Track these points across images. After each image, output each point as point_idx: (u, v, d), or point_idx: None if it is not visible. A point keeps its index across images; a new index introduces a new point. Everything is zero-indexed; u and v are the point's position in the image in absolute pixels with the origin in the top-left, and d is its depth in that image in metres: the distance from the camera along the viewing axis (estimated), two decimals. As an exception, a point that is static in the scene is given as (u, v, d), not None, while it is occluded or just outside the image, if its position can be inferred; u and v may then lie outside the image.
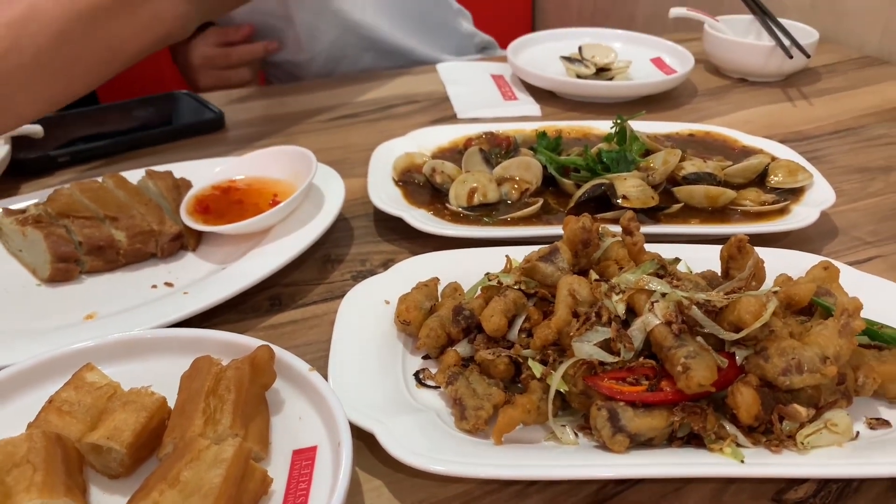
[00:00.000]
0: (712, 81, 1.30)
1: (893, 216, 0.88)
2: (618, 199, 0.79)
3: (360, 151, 1.01)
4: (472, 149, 0.90)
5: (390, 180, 0.89)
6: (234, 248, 0.79)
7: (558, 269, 0.62)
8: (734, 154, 0.95)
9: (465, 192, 0.83)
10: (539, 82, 1.21)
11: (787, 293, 0.61)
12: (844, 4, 1.50)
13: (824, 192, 0.85)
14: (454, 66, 1.35)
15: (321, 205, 0.82)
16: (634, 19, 2.06)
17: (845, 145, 1.06)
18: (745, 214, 0.82)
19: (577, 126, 1.03)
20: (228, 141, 1.08)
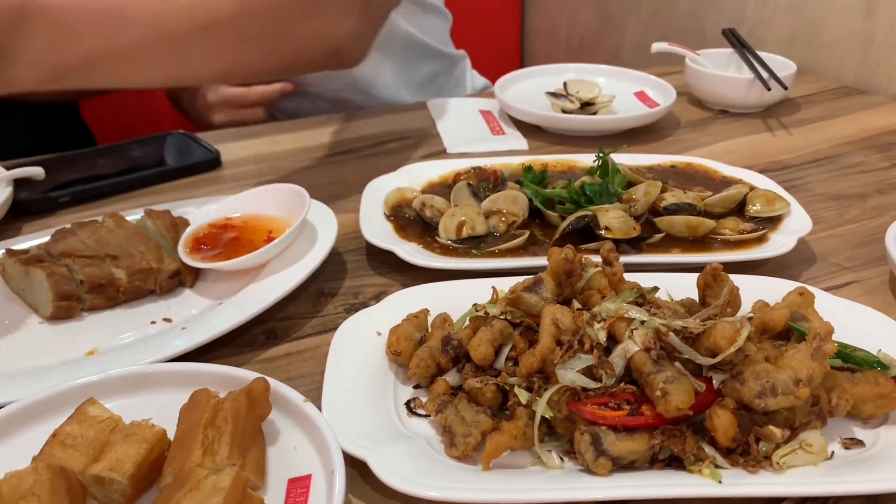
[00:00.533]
0: (694, 113, 1.33)
1: (869, 242, 0.91)
2: (601, 230, 0.82)
3: (353, 187, 1.04)
4: (460, 183, 0.93)
5: (382, 215, 0.91)
6: (231, 283, 0.81)
7: (542, 299, 0.65)
8: (715, 184, 0.98)
9: (454, 226, 0.86)
10: (525, 117, 1.25)
11: (762, 319, 0.63)
12: (822, 37, 1.54)
13: (801, 221, 0.88)
14: (444, 103, 1.39)
15: (315, 240, 0.85)
16: (620, 51, 2.11)
17: (823, 174, 1.10)
18: (725, 243, 0.85)
19: (562, 159, 1.06)
20: (225, 179, 1.11)
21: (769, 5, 1.64)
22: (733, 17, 1.72)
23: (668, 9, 1.91)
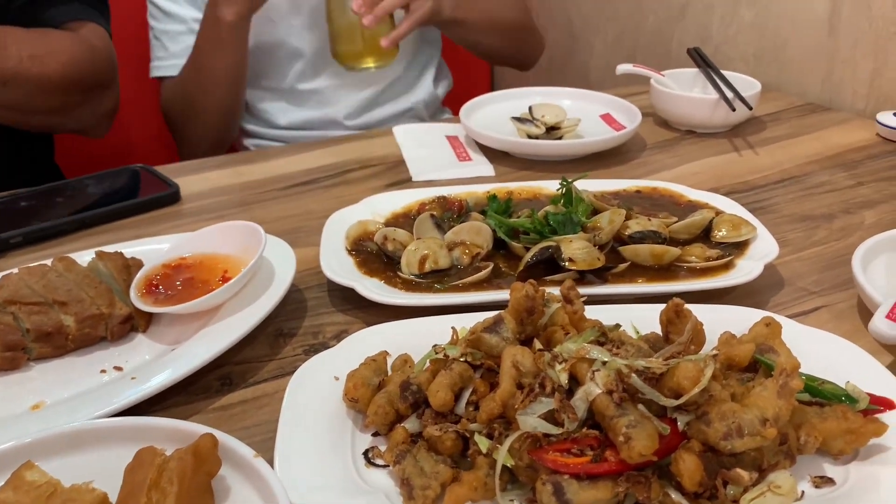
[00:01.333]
0: (661, 134, 1.33)
1: (837, 265, 0.90)
2: (564, 262, 0.80)
3: (316, 219, 1.02)
4: (423, 215, 0.91)
5: (343, 249, 0.89)
6: (186, 326, 0.79)
7: (503, 339, 0.63)
8: (680, 209, 0.97)
9: (417, 260, 0.84)
10: (491, 143, 1.23)
11: (728, 354, 0.62)
12: (786, 54, 1.55)
13: (768, 245, 0.87)
14: (410, 129, 1.38)
15: (272, 278, 0.82)
16: (589, 70, 2.12)
17: (790, 194, 1.09)
18: (691, 271, 0.84)
19: (527, 186, 1.05)
20: (184, 214, 1.08)
21: (734, 23, 1.65)
22: (698, 35, 1.73)
23: (634, 28, 1.92)
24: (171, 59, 1.49)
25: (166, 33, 1.49)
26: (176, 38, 1.49)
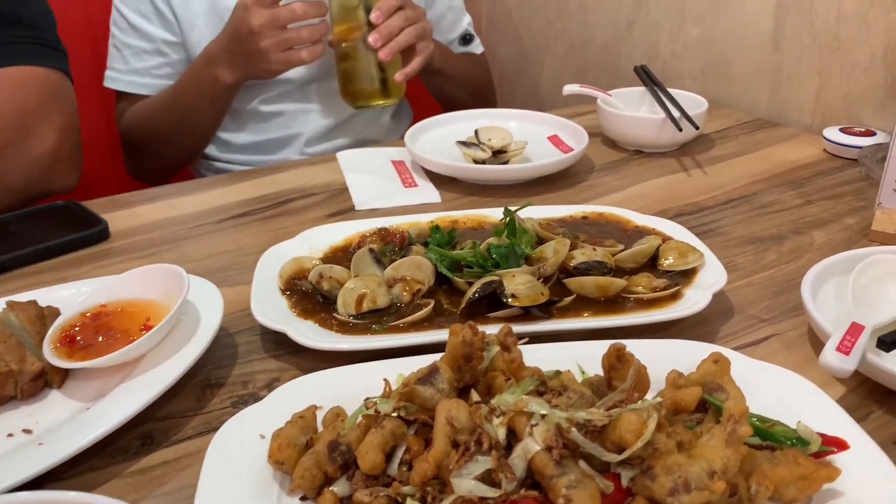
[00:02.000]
0: (609, 155, 1.31)
1: (787, 289, 0.88)
2: (507, 298, 0.77)
3: (251, 254, 0.97)
4: (361, 251, 0.87)
5: (277, 289, 0.85)
6: (104, 380, 0.73)
7: (438, 391, 0.59)
8: (627, 235, 0.95)
9: (354, 300, 0.80)
10: (436, 168, 1.20)
11: (674, 399, 0.59)
12: (733, 70, 1.55)
13: (716, 273, 0.84)
14: (354, 154, 1.34)
15: (198, 324, 0.78)
16: (539, 87, 2.10)
17: (738, 215, 1.07)
18: (639, 302, 0.81)
19: (472, 215, 1.02)
20: (113, 253, 1.02)
21: (680, 40, 1.64)
22: (646, 51, 1.72)
23: (583, 45, 1.90)
24: (130, 74, 1.45)
25: (129, 47, 1.44)
26: (140, 55, 1.44)
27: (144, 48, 1.44)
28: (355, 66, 1.37)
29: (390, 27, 1.32)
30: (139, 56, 1.44)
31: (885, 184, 0.99)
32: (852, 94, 1.35)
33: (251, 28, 1.25)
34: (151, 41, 1.44)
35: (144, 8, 1.42)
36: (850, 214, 1.06)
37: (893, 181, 0.99)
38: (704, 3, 1.56)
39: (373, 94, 1.39)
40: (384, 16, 1.31)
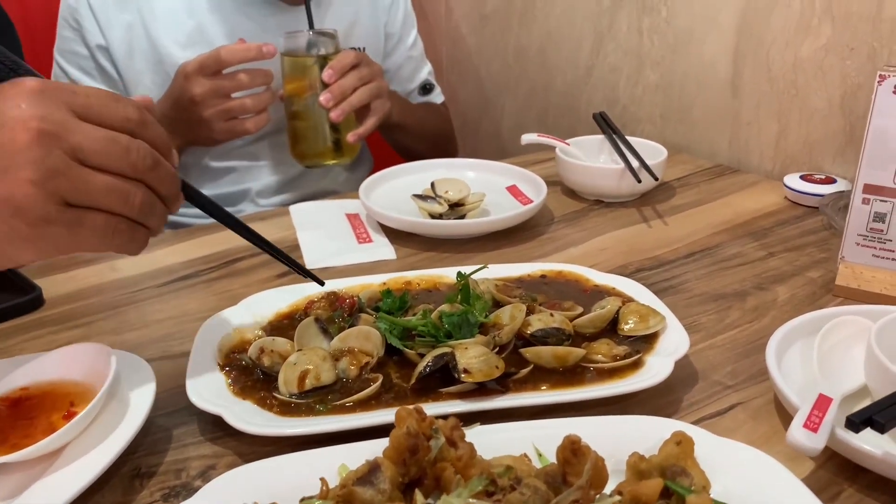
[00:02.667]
0: (568, 205, 1.28)
1: (751, 351, 0.85)
2: (459, 374, 0.72)
3: (193, 321, 0.92)
4: (306, 321, 0.82)
5: (215, 365, 0.79)
6: (24, 474, 0.67)
7: (379, 491, 0.54)
8: (586, 296, 0.91)
9: (296, 377, 0.75)
10: (392, 223, 1.16)
11: (633, 494, 0.55)
12: (693, 115, 1.54)
13: (678, 338, 0.81)
14: (307, 208, 1.29)
15: (128, 407, 0.72)
16: (501, 129, 2.08)
17: (701, 269, 1.05)
18: (599, 372, 0.77)
19: (426, 276, 0.97)
20: (46, 323, 0.96)
21: (639, 85, 1.63)
22: (606, 95, 1.71)
23: (543, 89, 1.89)
24: None
25: None
26: None
27: None
28: (306, 125, 1.35)
29: (343, 87, 1.29)
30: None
31: (847, 238, 0.97)
32: (811, 140, 1.34)
33: (192, 97, 1.21)
34: None
35: (86, 64, 1.38)
36: (813, 267, 1.04)
37: (855, 234, 0.97)
38: (662, 48, 1.55)
39: (324, 153, 1.37)
40: (337, 74, 1.28)
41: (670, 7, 1.51)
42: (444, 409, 0.71)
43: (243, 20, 1.40)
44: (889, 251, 0.95)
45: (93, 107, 0.60)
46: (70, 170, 0.58)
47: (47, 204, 0.58)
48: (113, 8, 1.35)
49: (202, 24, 1.38)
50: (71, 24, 1.37)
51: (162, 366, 0.83)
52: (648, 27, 1.57)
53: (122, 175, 0.61)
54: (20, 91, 0.58)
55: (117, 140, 0.60)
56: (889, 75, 0.90)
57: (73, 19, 1.36)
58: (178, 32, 1.38)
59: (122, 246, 0.65)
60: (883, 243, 0.95)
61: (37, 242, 0.60)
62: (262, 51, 1.22)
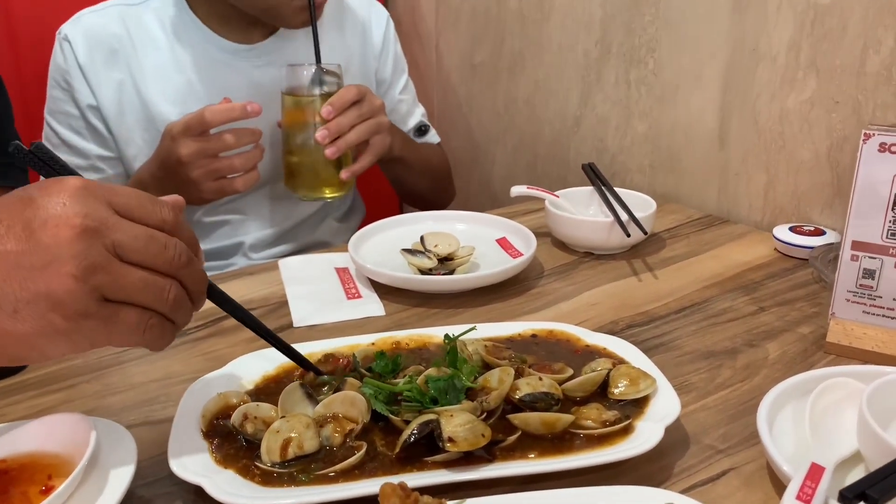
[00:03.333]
0: (558, 257, 1.28)
1: (743, 412, 0.84)
2: (444, 443, 0.71)
3: (179, 383, 0.91)
4: (291, 386, 0.81)
5: (198, 431, 0.78)
6: (-3, 552, 0.66)
7: (360, 574, 0.52)
8: (577, 357, 0.90)
9: (278, 445, 0.73)
10: (381, 279, 1.15)
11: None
12: (682, 165, 1.54)
13: (668, 402, 0.79)
14: (297, 263, 1.29)
15: (108, 479, 0.70)
16: (492, 177, 2.09)
17: (691, 325, 1.04)
18: (588, 438, 0.76)
19: (415, 335, 0.96)
20: (28, 386, 0.94)
21: (628, 135, 1.64)
22: (595, 146, 1.72)
23: (532, 139, 1.90)
24: None
25: None
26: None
27: (79, 164, 1.39)
28: (302, 159, 1.36)
29: (340, 124, 1.30)
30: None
31: (836, 294, 0.97)
32: (800, 191, 1.35)
33: (180, 158, 1.21)
34: (86, 157, 1.40)
35: (77, 124, 1.38)
36: (804, 322, 1.04)
37: (845, 291, 0.96)
38: (650, 99, 1.57)
39: (318, 187, 1.38)
40: (336, 111, 1.29)
41: (657, 59, 1.53)
42: (429, 480, 0.70)
43: (232, 75, 1.41)
44: (879, 308, 0.95)
45: (132, 206, 0.63)
46: (110, 265, 0.60)
47: (86, 298, 0.59)
48: (102, 67, 1.36)
49: (191, 80, 1.39)
50: (61, 85, 1.38)
51: (144, 432, 0.81)
52: (636, 79, 1.58)
53: (158, 272, 0.63)
54: (63, 189, 0.60)
55: (156, 237, 0.63)
56: (874, 133, 0.90)
57: (63, 80, 1.37)
58: (167, 89, 1.39)
59: (153, 342, 0.66)
60: (873, 300, 0.95)
61: (71, 336, 0.61)
62: (247, 110, 1.22)
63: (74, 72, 1.36)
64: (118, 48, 1.37)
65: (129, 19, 1.38)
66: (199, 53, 1.40)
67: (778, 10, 1.30)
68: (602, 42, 1.65)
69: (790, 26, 1.29)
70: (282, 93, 1.36)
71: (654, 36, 1.53)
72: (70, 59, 1.36)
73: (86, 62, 1.36)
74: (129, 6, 1.40)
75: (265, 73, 1.42)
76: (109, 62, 1.37)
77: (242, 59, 1.42)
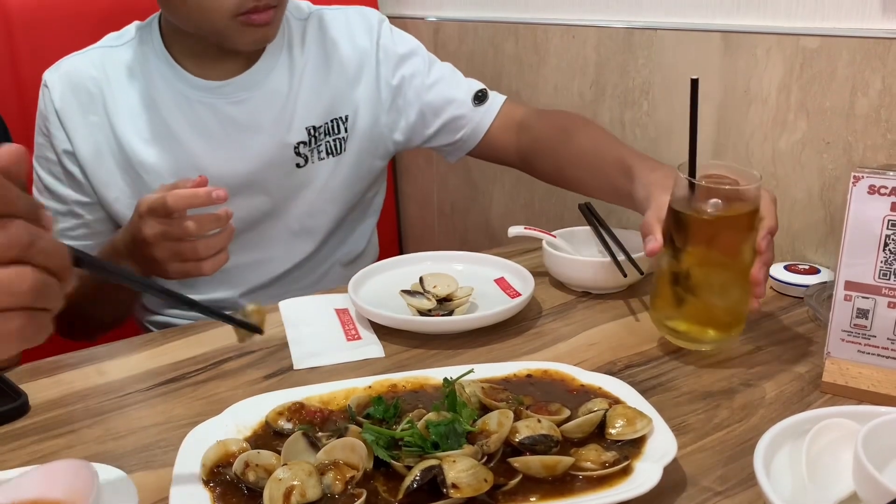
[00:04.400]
0: (556, 297, 1.29)
1: (740, 454, 0.85)
2: (448, 489, 0.72)
3: (180, 427, 0.92)
4: (294, 436, 0.81)
5: (199, 480, 0.78)
6: None
7: None
8: (573, 396, 0.91)
9: (281, 494, 0.73)
10: (380, 320, 1.16)
11: None
12: (676, 204, 1.56)
13: (665, 442, 0.80)
14: (297, 304, 1.29)
15: (111, 527, 0.71)
16: (490, 214, 2.11)
17: (688, 365, 1.05)
18: (588, 480, 0.77)
19: (412, 378, 0.97)
20: (30, 431, 0.95)
21: (623, 174, 1.66)
22: (591, 185, 1.74)
23: (530, 178, 1.91)
24: None
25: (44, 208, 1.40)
26: (55, 217, 1.37)
27: (58, 209, 1.41)
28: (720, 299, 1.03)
29: None
30: (54, 218, 1.39)
31: (831, 334, 0.98)
32: (794, 230, 1.36)
33: (144, 238, 1.18)
34: (64, 203, 1.41)
35: (55, 170, 1.40)
36: (800, 362, 1.04)
37: (840, 330, 0.98)
38: (644, 139, 1.59)
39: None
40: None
41: (651, 101, 1.56)
42: (432, 526, 0.70)
43: (206, 113, 1.39)
44: (874, 347, 0.96)
45: None
46: None
47: None
48: (78, 111, 1.37)
49: (165, 119, 1.38)
50: (42, 131, 1.39)
51: (145, 478, 0.82)
52: (630, 120, 1.61)
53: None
54: None
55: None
56: (863, 176, 0.92)
57: (44, 126, 1.39)
58: (142, 129, 1.37)
59: (30, 339, 0.56)
60: (867, 339, 0.96)
61: None
62: (212, 197, 1.15)
63: (52, 117, 1.36)
64: (94, 91, 1.37)
65: (108, 61, 1.38)
66: (173, 91, 1.37)
67: (767, 54, 1.33)
68: (597, 84, 1.68)
69: (779, 69, 1.32)
70: (678, 210, 1.00)
71: (648, 78, 1.56)
72: (49, 104, 1.37)
73: (61, 107, 1.36)
74: (111, 48, 1.40)
75: (240, 109, 1.39)
76: (86, 106, 1.36)
77: (216, 95, 1.38)
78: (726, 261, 1.00)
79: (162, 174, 1.38)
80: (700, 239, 0.99)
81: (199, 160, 1.39)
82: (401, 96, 1.49)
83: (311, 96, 1.43)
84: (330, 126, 1.45)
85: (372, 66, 1.47)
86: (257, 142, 1.41)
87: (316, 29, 1.46)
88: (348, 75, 1.46)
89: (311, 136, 1.44)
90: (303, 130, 1.43)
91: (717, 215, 0.98)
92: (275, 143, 1.42)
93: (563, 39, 1.74)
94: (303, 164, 1.45)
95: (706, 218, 0.98)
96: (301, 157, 1.45)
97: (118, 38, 1.43)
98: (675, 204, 1.01)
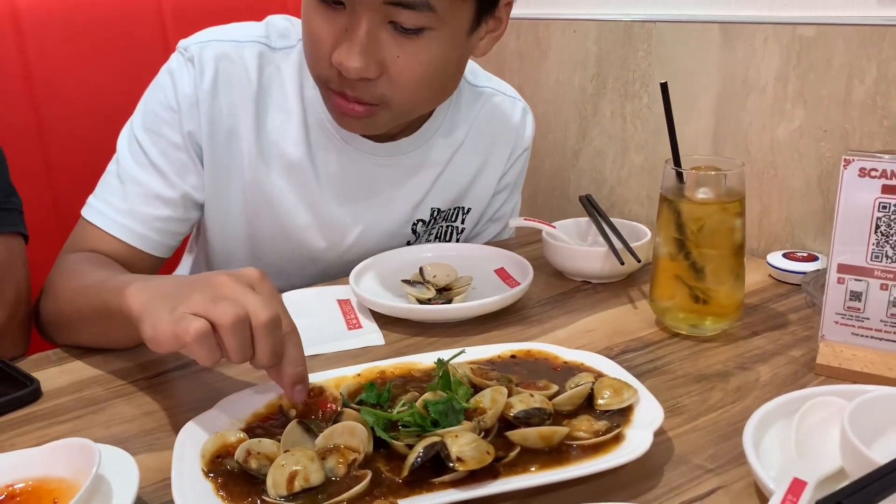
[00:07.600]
0: (555, 287, 1.30)
1: (732, 433, 0.86)
2: (453, 462, 0.73)
3: (185, 413, 0.93)
4: (290, 425, 0.83)
5: (199, 471, 0.79)
6: (4, 574, 0.68)
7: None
8: (557, 374, 0.93)
9: (285, 479, 0.74)
10: (380, 309, 1.18)
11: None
12: (676, 195, 1.57)
13: (652, 409, 0.82)
14: (300, 295, 1.31)
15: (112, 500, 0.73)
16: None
17: (684, 350, 1.06)
18: (582, 448, 0.78)
19: (399, 364, 0.98)
20: (43, 416, 0.97)
21: (625, 167, 1.68)
22: (593, 178, 1.76)
23: (532, 172, 1.93)
24: (125, 216, 1.20)
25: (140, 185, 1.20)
26: (149, 199, 1.20)
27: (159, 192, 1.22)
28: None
29: None
30: (147, 200, 1.20)
31: (825, 317, 0.99)
32: (793, 218, 1.37)
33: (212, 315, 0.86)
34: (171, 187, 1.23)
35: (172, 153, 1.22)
36: (796, 346, 1.05)
37: (833, 313, 0.98)
38: (645, 132, 1.60)
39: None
40: None
41: (650, 94, 1.57)
42: (440, 500, 0.72)
43: (348, 164, 1.28)
44: (867, 329, 0.97)
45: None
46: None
47: None
48: (226, 102, 1.22)
49: (302, 156, 1.26)
50: (171, 106, 1.21)
51: (148, 459, 0.84)
52: (631, 112, 1.62)
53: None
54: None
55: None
56: (853, 159, 0.93)
57: (175, 102, 1.20)
58: (284, 147, 1.25)
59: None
60: (861, 322, 0.97)
61: None
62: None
63: (191, 98, 1.19)
64: (247, 89, 1.22)
65: (266, 64, 1.22)
66: (320, 129, 1.25)
67: (765, 43, 1.34)
68: (598, 77, 1.69)
69: (777, 58, 1.33)
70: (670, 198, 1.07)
71: (648, 71, 1.58)
72: (189, 83, 1.19)
73: (209, 90, 1.19)
74: (271, 49, 1.23)
75: (381, 171, 1.29)
76: (233, 99, 1.21)
77: (365, 151, 1.27)
78: (719, 245, 1.04)
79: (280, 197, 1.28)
80: (693, 225, 1.04)
81: (322, 205, 1.29)
82: (498, 195, 1.49)
83: (452, 178, 1.35)
84: (451, 213, 1.40)
85: (503, 164, 1.45)
86: (386, 210, 1.32)
87: (482, 108, 1.38)
88: (487, 169, 1.41)
89: (431, 218, 1.37)
90: (428, 209, 1.36)
91: (706, 200, 1.04)
92: (401, 214, 1.34)
93: (564, 34, 1.75)
94: (412, 242, 1.38)
95: (696, 203, 1.05)
96: (415, 234, 1.38)
97: (279, 37, 1.25)
98: (666, 193, 1.07)
